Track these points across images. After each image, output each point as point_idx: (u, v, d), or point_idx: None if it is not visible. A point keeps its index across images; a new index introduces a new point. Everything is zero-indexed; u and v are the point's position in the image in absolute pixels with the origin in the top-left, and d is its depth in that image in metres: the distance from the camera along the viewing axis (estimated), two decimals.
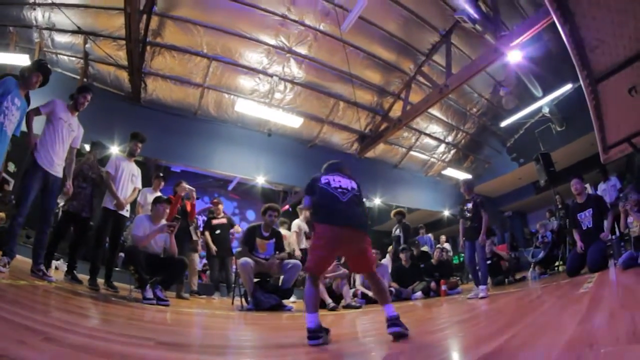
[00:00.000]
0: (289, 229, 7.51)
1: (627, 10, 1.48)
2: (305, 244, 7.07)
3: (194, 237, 6.78)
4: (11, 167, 7.81)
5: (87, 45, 7.45)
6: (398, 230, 8.71)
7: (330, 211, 2.41)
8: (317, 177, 2.60)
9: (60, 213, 5.55)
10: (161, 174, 6.43)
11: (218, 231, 7.31)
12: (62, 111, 4.13)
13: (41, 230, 4.07)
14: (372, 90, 9.84)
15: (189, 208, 6.59)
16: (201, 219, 9.08)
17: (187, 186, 6.53)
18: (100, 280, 4.77)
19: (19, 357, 1.15)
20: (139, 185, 5.36)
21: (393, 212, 9.15)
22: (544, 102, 9.84)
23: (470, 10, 6.79)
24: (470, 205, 5.72)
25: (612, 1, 1.46)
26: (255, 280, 5.10)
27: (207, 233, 7.27)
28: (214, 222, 7.44)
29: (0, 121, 3.38)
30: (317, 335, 2.09)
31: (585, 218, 5.88)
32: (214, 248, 7.13)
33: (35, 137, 3.98)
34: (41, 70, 3.84)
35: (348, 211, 2.46)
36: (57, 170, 4.07)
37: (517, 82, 9.72)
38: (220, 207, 7.77)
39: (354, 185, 2.61)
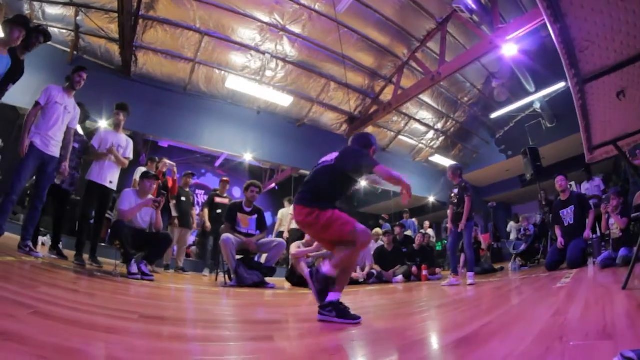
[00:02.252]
0: None
1: (620, 17, 1.50)
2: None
3: (174, 214, 6.77)
4: None
5: (78, 18, 7.22)
6: None
7: None
8: None
9: None
10: (157, 158, 6.59)
11: (219, 210, 7.02)
12: (58, 96, 4.08)
13: (34, 206, 4.04)
14: (364, 73, 9.80)
15: (170, 184, 6.59)
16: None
17: (169, 162, 6.56)
18: (86, 256, 4.75)
19: (9, 330, 1.18)
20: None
21: None
22: (536, 98, 9.92)
23: (469, 0, 6.75)
24: (456, 191, 5.76)
25: (606, 6, 1.48)
26: (239, 257, 5.18)
27: (206, 210, 7.11)
28: (217, 200, 7.22)
29: None
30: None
31: (568, 215, 6.03)
32: (209, 226, 6.96)
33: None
34: (22, 23, 3.68)
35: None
36: (53, 151, 4.04)
37: (511, 75, 9.77)
38: (226, 186, 7.64)
39: (330, 157, 2.50)
